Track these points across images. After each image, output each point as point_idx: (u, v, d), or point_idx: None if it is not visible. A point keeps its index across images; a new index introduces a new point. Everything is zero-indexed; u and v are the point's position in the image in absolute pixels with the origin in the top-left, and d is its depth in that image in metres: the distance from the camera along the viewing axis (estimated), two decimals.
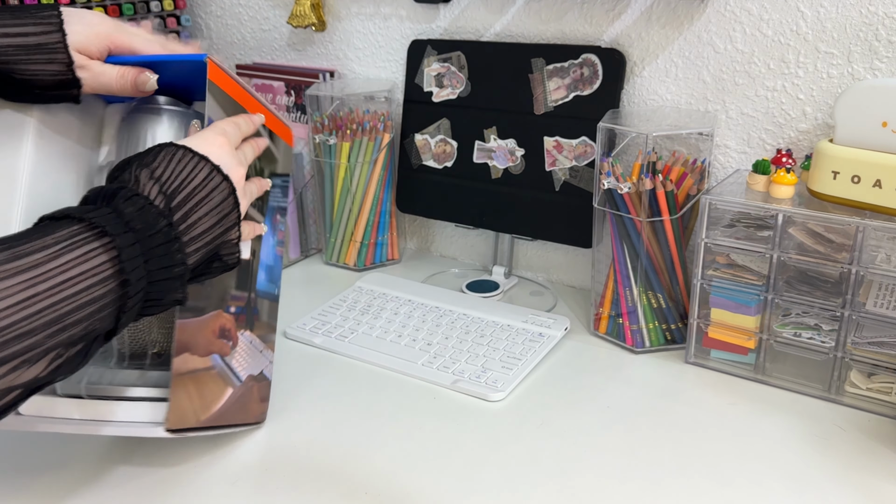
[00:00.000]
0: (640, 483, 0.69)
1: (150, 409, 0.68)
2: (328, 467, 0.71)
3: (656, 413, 0.79)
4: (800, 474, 0.70)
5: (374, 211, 1.15)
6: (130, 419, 0.68)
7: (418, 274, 1.15)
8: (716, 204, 0.84)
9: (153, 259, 0.51)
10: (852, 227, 0.76)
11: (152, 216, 0.52)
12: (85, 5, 1.14)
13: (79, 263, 0.46)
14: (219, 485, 0.69)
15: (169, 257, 0.52)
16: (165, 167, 0.55)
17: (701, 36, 0.93)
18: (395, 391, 0.84)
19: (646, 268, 0.89)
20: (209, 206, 0.57)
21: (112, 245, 0.48)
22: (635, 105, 1.00)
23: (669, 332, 0.92)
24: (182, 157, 0.56)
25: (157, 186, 0.54)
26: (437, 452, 0.73)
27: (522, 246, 1.15)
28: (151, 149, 0.57)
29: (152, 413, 0.68)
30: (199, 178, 0.56)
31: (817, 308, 0.81)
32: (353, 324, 0.97)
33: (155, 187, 0.53)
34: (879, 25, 0.83)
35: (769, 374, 0.85)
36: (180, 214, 0.54)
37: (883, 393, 0.79)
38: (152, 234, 0.51)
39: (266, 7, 1.28)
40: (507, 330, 0.95)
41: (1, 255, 0.44)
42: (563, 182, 1.01)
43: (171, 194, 0.54)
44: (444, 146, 1.10)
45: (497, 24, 1.07)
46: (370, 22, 1.18)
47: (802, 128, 0.90)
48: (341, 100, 1.13)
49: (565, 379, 0.86)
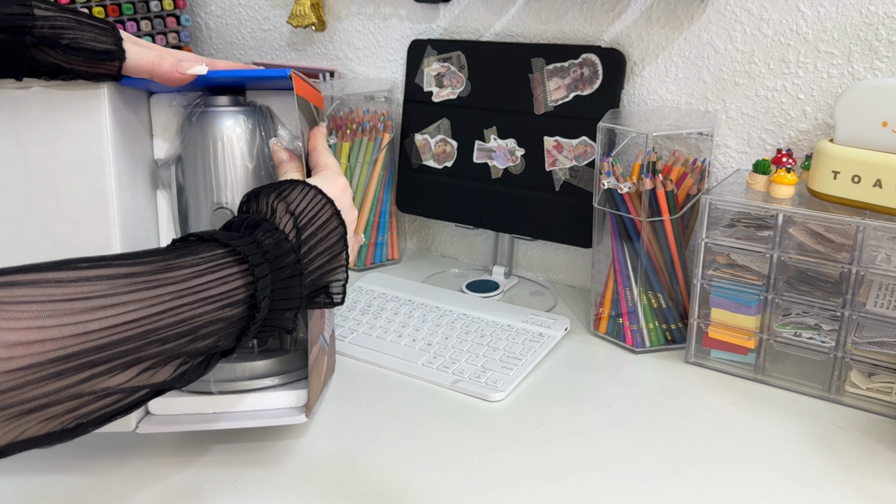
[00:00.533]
0: (640, 483, 0.69)
1: (286, 397, 0.75)
2: (328, 467, 0.71)
3: (656, 413, 0.79)
4: (800, 474, 0.70)
5: (374, 211, 1.15)
6: (267, 407, 0.74)
7: (418, 274, 1.15)
8: (716, 204, 0.84)
9: (278, 290, 0.54)
10: (852, 227, 0.76)
11: (285, 250, 0.55)
12: (85, 5, 1.14)
13: (220, 284, 0.50)
14: (218, 485, 0.69)
15: (292, 290, 0.56)
16: (300, 202, 0.59)
17: (701, 36, 0.93)
18: (395, 391, 0.84)
19: (646, 268, 0.89)
20: (326, 244, 0.60)
21: (250, 273, 0.51)
22: (635, 105, 1.00)
23: (669, 332, 0.92)
24: (314, 196, 0.60)
25: (292, 221, 0.57)
26: (437, 452, 0.73)
27: (522, 246, 1.15)
28: (285, 183, 0.60)
29: (287, 400, 0.75)
30: (324, 218, 0.60)
31: (817, 308, 0.81)
32: (353, 324, 0.97)
33: (290, 222, 0.57)
34: (879, 25, 0.83)
35: (769, 374, 0.85)
36: (305, 249, 0.58)
37: (883, 393, 0.79)
38: (283, 266, 0.55)
39: (266, 7, 1.28)
40: (507, 330, 0.95)
41: (157, 265, 0.47)
42: (563, 182, 1.01)
43: (301, 229, 0.58)
44: (444, 146, 1.10)
45: (497, 24, 1.07)
46: (370, 22, 1.18)
47: (802, 128, 0.90)
48: (341, 100, 1.13)
49: (565, 379, 0.86)
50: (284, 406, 0.76)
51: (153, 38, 1.24)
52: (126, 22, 1.20)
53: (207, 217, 0.72)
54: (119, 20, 1.19)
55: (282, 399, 0.75)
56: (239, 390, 0.74)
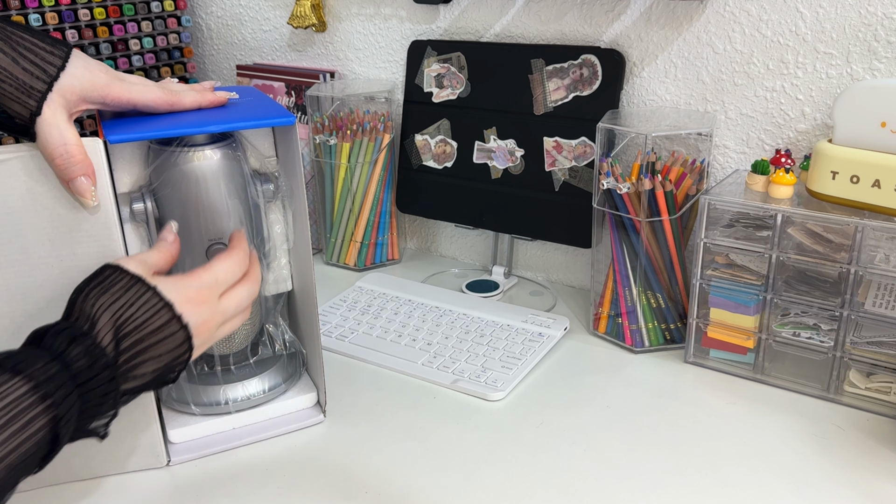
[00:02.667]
0: (640, 482, 0.69)
1: (297, 401, 0.79)
2: (328, 467, 0.71)
3: (656, 413, 0.80)
4: (799, 474, 0.70)
5: (375, 211, 1.15)
6: (283, 413, 0.78)
7: (418, 274, 1.15)
8: (715, 204, 0.84)
9: (89, 408, 0.53)
10: (851, 227, 0.76)
11: (99, 367, 0.53)
12: (85, 5, 1.14)
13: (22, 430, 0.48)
14: (218, 485, 0.69)
15: (102, 406, 0.54)
16: (127, 308, 0.55)
17: (700, 36, 0.94)
18: (395, 391, 0.84)
19: (645, 268, 0.89)
20: (157, 351, 0.56)
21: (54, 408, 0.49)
22: (634, 105, 1.00)
23: (668, 332, 0.92)
24: (148, 300, 0.56)
25: (113, 332, 0.54)
26: (437, 452, 0.73)
27: (522, 246, 1.15)
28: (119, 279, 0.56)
29: (299, 403, 0.79)
30: (155, 325, 0.56)
31: (816, 308, 0.81)
32: (353, 324, 0.98)
33: (110, 334, 0.54)
34: (878, 26, 0.83)
35: (768, 374, 0.85)
36: (125, 358, 0.55)
37: (882, 392, 0.79)
38: (95, 387, 0.52)
39: (266, 7, 1.28)
40: (506, 330, 0.95)
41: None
42: (563, 182, 1.01)
43: (122, 338, 0.55)
44: (444, 146, 1.10)
45: (497, 24, 1.07)
46: (370, 22, 1.18)
47: (801, 128, 0.90)
48: (341, 100, 1.13)
49: (565, 379, 0.86)
50: (298, 409, 0.79)
51: (153, 38, 1.24)
52: (127, 23, 1.20)
53: (200, 253, 0.70)
54: (119, 21, 1.20)
55: (294, 403, 0.78)
56: (252, 406, 0.77)
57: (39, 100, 0.58)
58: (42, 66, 0.58)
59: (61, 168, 0.60)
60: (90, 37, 1.16)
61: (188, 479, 0.70)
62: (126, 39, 1.21)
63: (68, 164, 0.59)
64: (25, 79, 0.58)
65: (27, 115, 0.58)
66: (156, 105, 0.66)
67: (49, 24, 1.11)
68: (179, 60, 1.30)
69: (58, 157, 0.59)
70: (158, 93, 0.66)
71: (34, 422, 0.48)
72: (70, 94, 0.60)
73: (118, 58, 1.20)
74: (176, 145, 0.69)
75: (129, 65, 1.22)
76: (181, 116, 0.67)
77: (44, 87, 0.58)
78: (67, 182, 0.60)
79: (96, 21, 1.16)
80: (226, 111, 0.69)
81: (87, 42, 1.16)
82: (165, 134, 0.64)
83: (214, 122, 0.66)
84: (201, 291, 0.60)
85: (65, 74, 0.59)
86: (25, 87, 0.58)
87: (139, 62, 1.23)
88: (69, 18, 1.13)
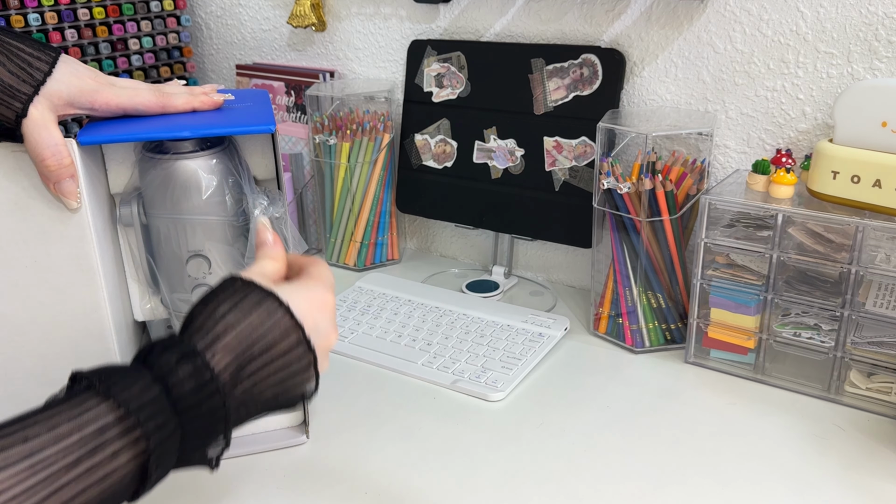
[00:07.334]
0: (640, 483, 0.69)
1: (281, 417, 0.75)
2: (328, 467, 0.71)
3: (656, 413, 0.79)
4: (799, 474, 0.70)
5: (374, 211, 1.15)
6: (265, 430, 0.74)
7: (418, 274, 1.15)
8: (715, 204, 0.84)
9: (193, 434, 0.45)
10: (852, 227, 0.76)
11: (206, 394, 0.45)
12: (85, 4, 1.14)
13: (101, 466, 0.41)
14: (217, 485, 0.69)
15: (211, 435, 0.46)
16: (255, 328, 0.47)
17: (700, 36, 0.93)
18: (395, 391, 0.84)
19: (645, 268, 0.89)
20: (278, 377, 0.49)
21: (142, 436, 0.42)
22: (635, 105, 1.00)
23: (669, 332, 0.92)
24: (280, 319, 0.48)
25: (236, 360, 0.47)
26: (437, 452, 0.73)
27: (522, 246, 1.15)
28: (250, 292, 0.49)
29: (282, 420, 0.75)
30: (283, 348, 0.49)
31: (817, 308, 0.81)
32: (352, 324, 0.97)
33: (234, 362, 0.46)
34: (879, 25, 0.83)
35: (769, 374, 0.85)
36: (244, 387, 0.47)
37: (882, 393, 0.79)
38: (199, 415, 0.45)
39: (266, 7, 1.28)
40: (506, 330, 0.95)
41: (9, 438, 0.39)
42: (563, 182, 1.01)
43: (244, 362, 0.47)
44: (444, 146, 1.10)
45: (497, 24, 1.07)
46: (370, 22, 1.18)
47: (802, 128, 0.90)
48: (341, 100, 1.13)
49: (565, 379, 0.86)
50: (281, 427, 0.75)
51: (153, 38, 1.24)
52: (126, 22, 1.20)
53: (178, 265, 0.69)
54: (119, 20, 1.19)
55: (277, 420, 0.75)
56: None
57: (25, 102, 0.58)
58: (28, 71, 0.58)
59: (53, 169, 0.59)
60: (89, 36, 1.16)
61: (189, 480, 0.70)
62: (125, 39, 1.21)
63: (60, 165, 0.59)
64: (11, 82, 0.57)
65: (12, 118, 0.58)
66: (146, 108, 0.65)
67: (48, 23, 1.11)
68: (179, 60, 1.29)
69: (49, 158, 0.59)
70: (148, 95, 0.65)
71: (118, 456, 0.42)
72: (57, 98, 0.59)
73: (117, 57, 1.20)
74: (161, 152, 0.68)
75: (129, 64, 1.22)
76: (170, 119, 0.66)
77: (30, 91, 0.58)
78: (54, 183, 0.60)
79: (95, 21, 1.16)
80: (213, 116, 0.68)
81: (87, 42, 1.16)
82: (135, 138, 0.64)
83: (187, 127, 0.64)
84: (326, 296, 0.54)
85: (51, 79, 0.59)
86: (11, 91, 0.57)
87: (138, 62, 1.23)
88: (68, 18, 1.13)
